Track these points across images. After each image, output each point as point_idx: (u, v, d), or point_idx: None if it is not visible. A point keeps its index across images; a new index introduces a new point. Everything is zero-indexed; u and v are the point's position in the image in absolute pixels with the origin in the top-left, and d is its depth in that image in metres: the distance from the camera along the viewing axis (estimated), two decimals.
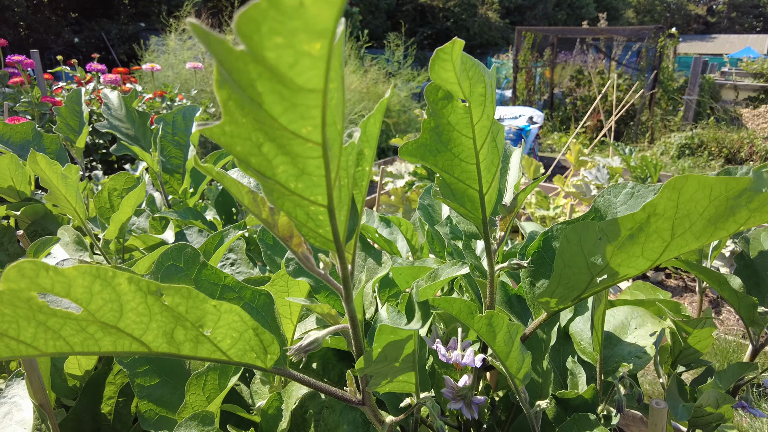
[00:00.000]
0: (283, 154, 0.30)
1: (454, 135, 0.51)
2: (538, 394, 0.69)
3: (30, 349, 0.36)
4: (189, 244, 0.52)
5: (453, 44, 0.42)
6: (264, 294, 0.51)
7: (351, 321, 0.43)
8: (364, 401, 0.48)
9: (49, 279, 0.31)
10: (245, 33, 0.21)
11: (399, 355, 0.49)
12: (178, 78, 5.54)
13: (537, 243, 0.58)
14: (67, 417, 0.76)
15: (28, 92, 2.34)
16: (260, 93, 0.24)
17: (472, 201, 0.55)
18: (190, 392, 0.60)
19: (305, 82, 0.23)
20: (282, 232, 0.39)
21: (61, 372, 0.78)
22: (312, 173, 0.31)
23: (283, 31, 0.21)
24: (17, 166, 1.04)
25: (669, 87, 8.35)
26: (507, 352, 0.53)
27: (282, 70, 0.23)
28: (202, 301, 0.38)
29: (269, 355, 0.44)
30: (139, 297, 0.35)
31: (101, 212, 0.96)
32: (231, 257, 0.97)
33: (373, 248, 0.57)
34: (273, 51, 0.22)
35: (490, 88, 0.48)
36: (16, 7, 12.57)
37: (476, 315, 0.49)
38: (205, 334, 0.40)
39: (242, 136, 0.29)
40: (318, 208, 0.34)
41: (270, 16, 0.20)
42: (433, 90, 0.48)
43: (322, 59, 0.22)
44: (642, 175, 3.04)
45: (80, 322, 0.35)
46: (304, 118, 0.26)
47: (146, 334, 0.37)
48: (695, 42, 24.06)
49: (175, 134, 1.17)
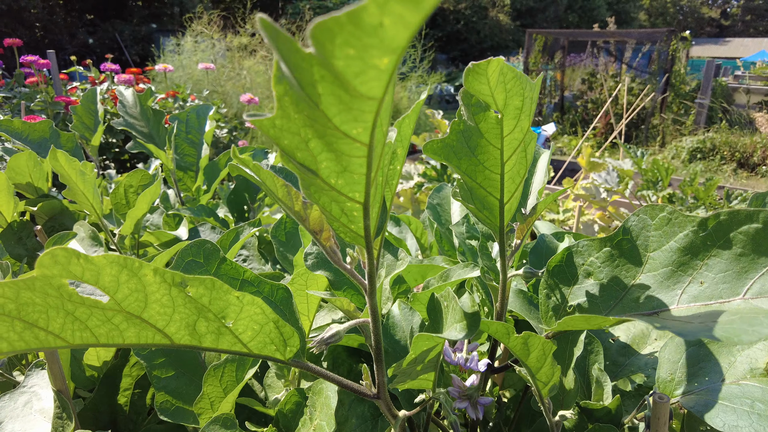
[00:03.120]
0: (328, 151, 0.31)
1: (482, 142, 0.51)
2: (560, 402, 0.68)
3: (58, 340, 0.36)
4: (208, 240, 0.53)
5: (488, 63, 0.42)
6: (282, 288, 0.52)
7: (372, 315, 0.44)
8: (380, 395, 0.49)
9: (80, 266, 0.32)
10: (319, 40, 0.22)
11: (426, 358, 0.49)
12: (191, 79, 5.60)
13: (560, 256, 0.57)
14: (85, 407, 0.77)
15: (43, 91, 2.38)
16: (320, 94, 0.25)
17: (490, 209, 0.55)
18: (208, 383, 0.61)
19: (367, 91, 0.25)
20: (313, 226, 0.40)
21: (80, 363, 0.80)
22: (354, 171, 0.32)
23: (356, 44, 0.22)
24: (35, 163, 1.07)
25: (681, 90, 8.27)
26: (539, 368, 0.53)
27: (347, 78, 0.24)
28: (225, 292, 0.38)
29: (288, 347, 0.44)
30: (164, 288, 0.36)
31: (117, 208, 0.98)
32: (243, 254, 0.98)
33: (391, 244, 0.58)
34: (343, 60, 0.23)
35: (529, 101, 0.47)
36: (32, 9, 12.76)
37: (513, 335, 0.48)
38: (227, 326, 0.40)
39: (291, 131, 0.30)
40: (354, 204, 0.35)
41: (347, 30, 0.21)
42: (467, 94, 0.48)
43: (388, 72, 0.24)
44: (653, 179, 3.02)
45: (106, 312, 0.36)
46: (357, 121, 0.27)
47: (169, 326, 0.38)
48: (708, 45, 23.82)
49: (189, 132, 1.19)
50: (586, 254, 0.57)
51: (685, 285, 0.50)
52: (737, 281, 0.46)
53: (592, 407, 0.66)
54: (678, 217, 0.52)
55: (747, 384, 0.59)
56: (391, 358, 0.57)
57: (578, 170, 5.19)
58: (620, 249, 0.55)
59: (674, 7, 31.29)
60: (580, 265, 0.57)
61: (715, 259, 0.48)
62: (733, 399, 0.56)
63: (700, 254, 0.49)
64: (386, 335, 0.62)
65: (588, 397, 0.72)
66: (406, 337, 0.59)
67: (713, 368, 0.65)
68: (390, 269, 0.52)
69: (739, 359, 0.64)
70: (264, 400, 0.76)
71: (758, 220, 0.45)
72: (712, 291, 0.47)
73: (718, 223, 0.48)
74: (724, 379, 0.63)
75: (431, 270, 0.80)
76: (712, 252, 0.49)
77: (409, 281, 0.82)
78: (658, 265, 0.52)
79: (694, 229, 0.50)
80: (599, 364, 0.72)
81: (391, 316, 0.62)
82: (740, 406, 0.55)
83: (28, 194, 1.13)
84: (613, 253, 0.55)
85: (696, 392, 0.63)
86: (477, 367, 0.53)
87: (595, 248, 0.56)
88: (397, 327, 0.62)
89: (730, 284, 0.46)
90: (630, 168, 3.10)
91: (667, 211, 0.52)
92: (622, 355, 0.89)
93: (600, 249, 0.56)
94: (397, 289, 0.77)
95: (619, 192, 2.98)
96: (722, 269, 0.48)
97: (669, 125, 8.03)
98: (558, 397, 0.68)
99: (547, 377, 0.54)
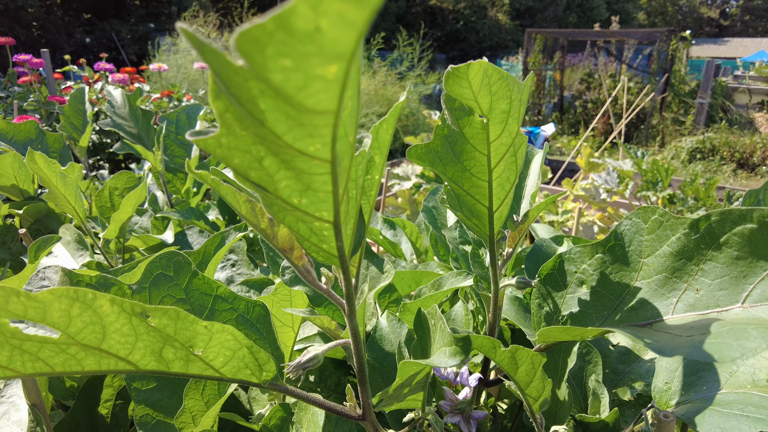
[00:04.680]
0: (286, 169, 0.27)
1: (468, 148, 0.48)
2: (554, 416, 0.66)
3: (7, 371, 0.34)
4: (179, 252, 0.50)
5: (469, 66, 0.39)
6: (259, 305, 0.49)
7: (353, 337, 0.41)
8: (365, 416, 0.46)
9: (21, 305, 0.29)
10: (246, 52, 0.19)
11: (413, 381, 0.46)
12: (186, 78, 5.57)
13: (552, 263, 0.54)
14: (63, 419, 0.75)
15: (36, 91, 2.35)
16: (262, 111, 0.22)
17: (479, 217, 0.52)
18: (189, 397, 0.59)
19: (315, 105, 0.21)
20: (282, 244, 0.37)
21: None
22: (318, 189, 0.29)
23: (292, 54, 0.19)
24: (20, 165, 1.04)
25: (680, 90, 8.26)
26: (528, 382, 0.50)
27: (289, 93, 0.20)
28: (191, 323, 0.35)
29: (264, 372, 0.41)
30: (123, 318, 0.33)
31: (102, 211, 0.95)
32: (232, 258, 0.95)
33: (375, 255, 0.55)
34: (279, 73, 0.19)
35: (517, 104, 0.44)
36: (29, 8, 12.73)
37: (499, 349, 0.46)
38: (196, 354, 0.38)
39: (241, 149, 0.26)
40: (323, 224, 0.32)
41: (277, 39, 0.18)
42: (449, 98, 0.45)
43: (337, 81, 0.20)
44: (653, 180, 3.00)
45: (59, 345, 0.33)
46: (312, 137, 0.24)
47: (133, 354, 0.35)
48: (708, 45, 23.81)
49: (179, 133, 1.16)
50: (579, 261, 0.54)
51: (680, 293, 0.47)
52: (735, 287, 0.43)
53: (588, 421, 0.63)
54: (669, 219, 0.48)
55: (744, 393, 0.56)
56: (377, 374, 0.54)
57: (578, 170, 5.17)
58: (613, 255, 0.52)
59: (673, 7, 31.29)
60: (573, 272, 0.54)
61: (710, 263, 0.45)
62: (726, 405, 0.53)
63: (695, 258, 0.46)
64: (374, 348, 0.59)
65: (584, 410, 0.69)
66: (394, 350, 0.56)
67: (712, 377, 0.62)
68: (375, 282, 0.49)
69: (742, 369, 0.61)
70: (249, 412, 0.74)
71: (752, 220, 0.42)
72: (708, 299, 0.45)
73: (709, 225, 0.45)
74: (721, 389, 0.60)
75: (425, 277, 0.78)
76: (707, 256, 0.45)
77: (402, 288, 0.79)
78: (652, 271, 0.49)
79: (685, 232, 0.47)
80: (596, 375, 0.70)
81: (379, 328, 0.59)
82: (731, 410, 0.52)
83: (13, 197, 1.10)
84: (605, 260, 0.52)
85: (691, 401, 0.60)
86: (467, 382, 0.50)
87: (588, 255, 0.53)
88: (385, 340, 0.59)
89: (728, 291, 0.43)
90: (630, 168, 3.08)
91: (658, 214, 0.49)
92: (623, 363, 0.86)
93: (592, 256, 0.53)
94: (387, 298, 0.74)
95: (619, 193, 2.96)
96: (719, 274, 0.44)
97: (668, 125, 8.01)
98: (551, 410, 0.66)
99: (537, 392, 0.51)
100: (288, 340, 0.60)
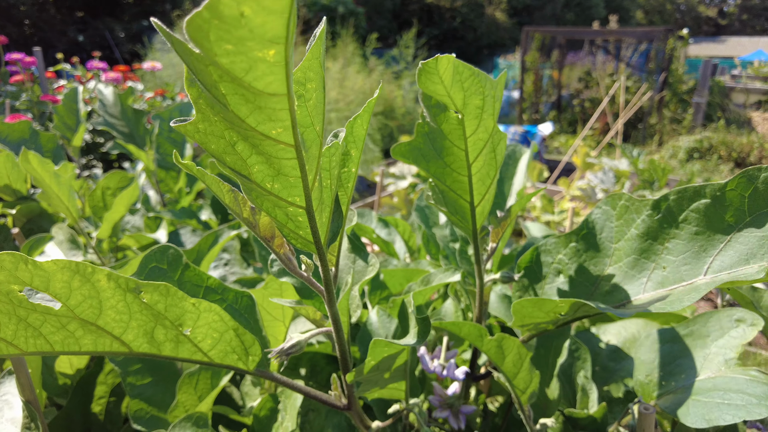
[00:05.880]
0: (257, 154, 0.29)
1: (447, 144, 0.49)
2: (543, 410, 0.66)
3: (10, 347, 0.36)
4: (172, 246, 0.51)
5: (437, 60, 0.40)
6: (247, 296, 0.51)
7: (334, 324, 0.42)
8: (350, 406, 0.47)
9: (28, 272, 0.31)
10: (196, 39, 0.21)
11: (391, 365, 0.48)
12: (180, 77, 5.56)
13: (529, 255, 0.56)
14: (57, 416, 0.75)
15: (29, 90, 2.35)
16: (224, 95, 0.24)
17: (462, 212, 0.53)
18: (182, 391, 0.60)
19: (265, 87, 0.23)
20: (263, 232, 0.38)
21: (52, 370, 0.77)
22: (288, 174, 0.30)
23: (230, 38, 0.21)
24: (13, 165, 1.04)
25: (678, 90, 8.27)
26: (515, 373, 0.52)
27: (238, 75, 0.22)
28: (180, 299, 0.37)
29: (251, 356, 0.43)
30: (119, 294, 0.35)
31: (95, 211, 0.96)
32: (225, 257, 0.96)
33: (363, 250, 0.56)
34: (225, 57, 0.21)
35: (491, 100, 0.45)
36: (21, 6, 12.67)
37: (486, 338, 0.47)
38: (185, 334, 0.39)
39: (216, 134, 0.29)
40: (296, 209, 0.34)
41: (214, 25, 0.20)
42: (426, 96, 0.46)
43: (279, 65, 0.22)
44: (650, 179, 3.01)
45: (61, 319, 0.35)
46: (273, 120, 0.26)
47: (126, 333, 0.37)
48: (706, 44, 23.86)
49: (171, 131, 1.16)
50: (555, 252, 0.56)
51: (649, 272, 0.49)
52: (697, 261, 0.45)
53: (577, 416, 0.64)
54: (634, 203, 0.51)
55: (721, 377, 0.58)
56: None
57: (575, 170, 5.18)
58: (586, 243, 0.54)
59: (671, 6, 31.35)
60: (549, 263, 0.56)
61: (674, 241, 0.47)
62: (706, 393, 0.55)
63: (659, 238, 0.48)
64: (364, 342, 0.60)
65: (574, 405, 0.70)
66: None
67: (689, 364, 0.64)
68: (361, 275, 0.50)
69: (713, 350, 0.62)
70: (242, 407, 0.74)
71: (706, 195, 0.45)
72: (674, 275, 0.47)
73: (668, 204, 0.48)
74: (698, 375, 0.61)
75: (415, 274, 0.78)
76: (670, 234, 0.48)
77: (393, 286, 0.80)
78: (623, 254, 0.51)
79: (649, 213, 0.49)
80: (585, 371, 0.70)
81: (369, 322, 0.60)
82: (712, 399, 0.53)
83: (6, 196, 1.10)
84: (579, 248, 0.54)
85: (673, 391, 0.61)
86: (454, 375, 0.51)
87: (563, 245, 0.55)
88: (375, 334, 0.60)
89: (691, 265, 0.46)
90: (626, 168, 3.09)
91: (624, 199, 0.52)
92: (613, 360, 0.87)
93: (567, 245, 0.55)
94: (379, 295, 0.75)
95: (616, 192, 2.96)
96: (682, 250, 0.47)
97: (666, 125, 8.02)
98: (541, 405, 0.67)
99: (524, 383, 0.52)
100: (279, 333, 0.61)
